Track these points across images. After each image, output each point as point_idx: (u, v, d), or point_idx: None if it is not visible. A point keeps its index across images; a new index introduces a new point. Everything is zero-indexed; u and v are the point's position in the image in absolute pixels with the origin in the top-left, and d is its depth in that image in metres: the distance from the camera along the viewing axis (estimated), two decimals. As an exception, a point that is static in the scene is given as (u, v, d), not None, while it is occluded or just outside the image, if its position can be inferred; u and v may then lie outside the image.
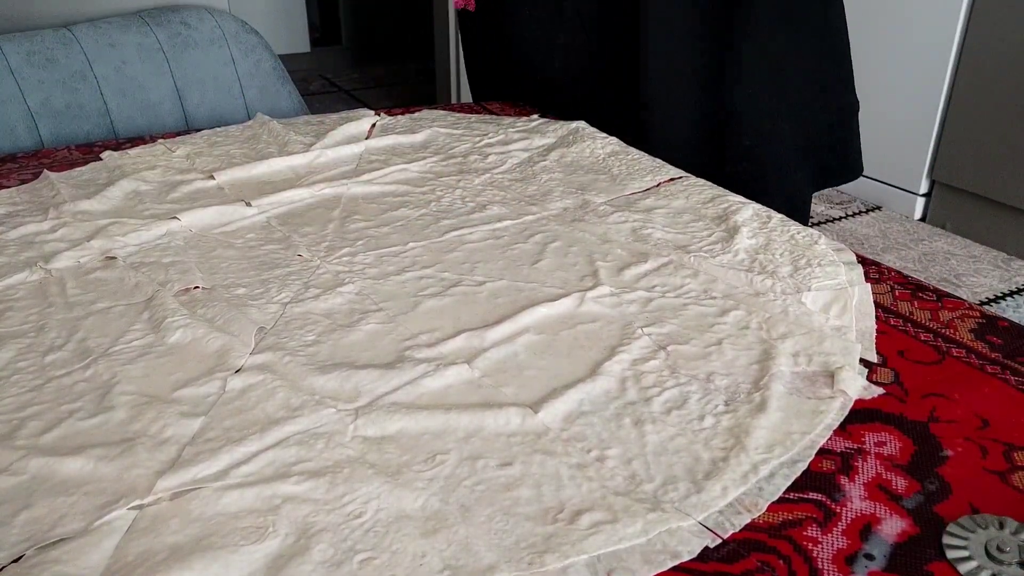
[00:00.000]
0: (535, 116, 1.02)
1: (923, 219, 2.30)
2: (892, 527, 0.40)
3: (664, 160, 0.85)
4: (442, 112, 1.04)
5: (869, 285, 0.61)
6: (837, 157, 0.96)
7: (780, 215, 0.72)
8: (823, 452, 0.45)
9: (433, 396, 0.49)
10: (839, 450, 0.46)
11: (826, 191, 2.52)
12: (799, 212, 0.93)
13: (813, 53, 0.91)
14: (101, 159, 0.88)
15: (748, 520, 0.40)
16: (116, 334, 0.56)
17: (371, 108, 1.05)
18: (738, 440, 0.45)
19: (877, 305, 0.60)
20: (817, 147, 0.94)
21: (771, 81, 0.89)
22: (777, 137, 0.91)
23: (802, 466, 0.44)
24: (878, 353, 0.54)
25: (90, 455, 0.44)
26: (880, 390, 0.50)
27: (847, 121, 0.96)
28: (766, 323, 0.56)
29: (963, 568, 0.38)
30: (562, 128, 0.95)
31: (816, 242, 0.67)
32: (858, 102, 0.95)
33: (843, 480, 0.43)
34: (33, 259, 0.66)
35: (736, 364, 0.52)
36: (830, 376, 0.51)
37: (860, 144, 0.96)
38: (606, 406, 0.49)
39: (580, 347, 0.54)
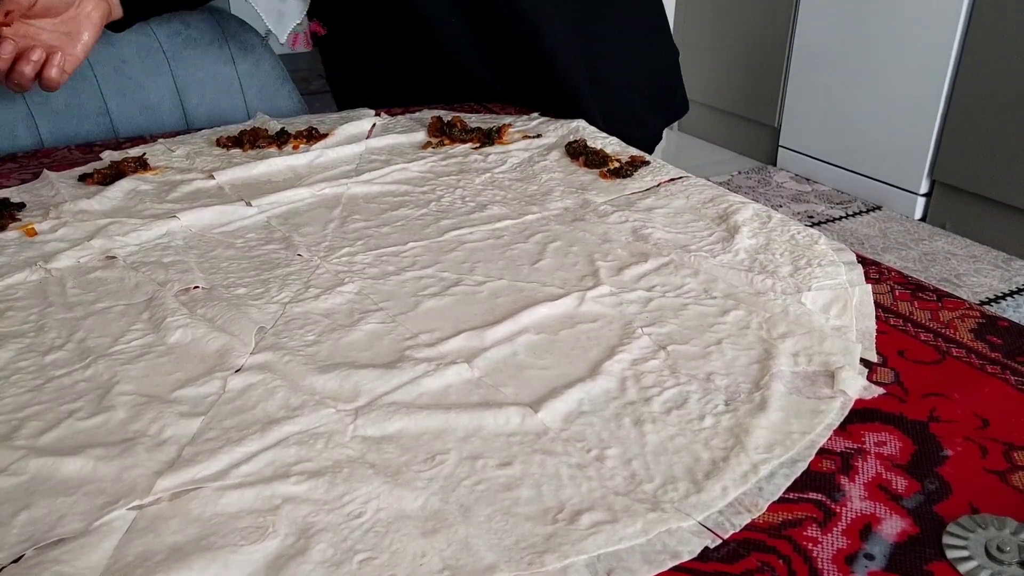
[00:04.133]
0: (535, 114, 1.02)
1: (923, 219, 2.30)
2: (892, 527, 0.40)
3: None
4: (443, 111, 1.04)
5: (869, 285, 0.61)
6: (672, 97, 1.22)
7: (780, 215, 0.72)
8: (823, 452, 0.45)
9: (433, 396, 0.49)
10: (839, 450, 0.46)
11: (826, 190, 2.52)
12: (653, 145, 1.21)
13: (641, 15, 1.16)
14: (101, 159, 0.88)
15: (748, 520, 0.40)
16: (116, 334, 0.56)
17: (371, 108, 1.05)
18: (738, 440, 0.45)
19: (877, 305, 0.60)
20: (657, 91, 1.19)
21: (626, 43, 1.14)
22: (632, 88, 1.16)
23: (802, 466, 0.44)
24: (878, 353, 0.54)
25: (90, 455, 0.44)
26: (880, 390, 0.50)
27: (674, 67, 1.22)
28: (766, 323, 0.56)
29: (963, 568, 0.38)
30: (562, 127, 0.96)
31: (816, 242, 0.67)
32: (677, 50, 1.22)
33: (843, 480, 0.43)
34: (33, 259, 0.66)
35: (736, 364, 0.52)
36: (830, 376, 0.51)
37: (684, 86, 1.24)
38: (606, 406, 0.49)
39: (580, 347, 0.54)
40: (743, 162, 2.83)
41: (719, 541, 0.39)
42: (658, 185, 0.80)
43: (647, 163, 0.85)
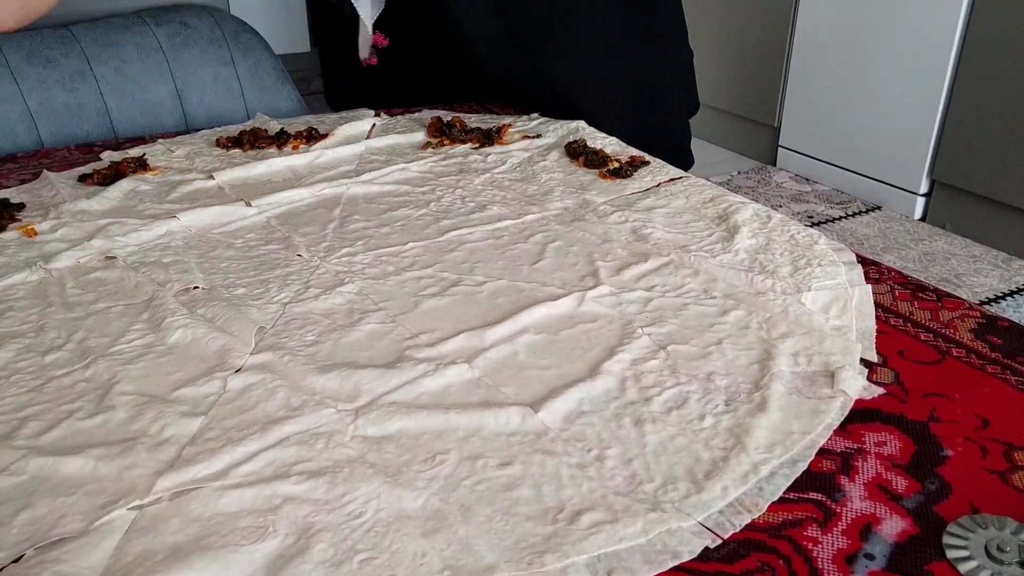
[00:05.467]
0: (535, 115, 1.02)
1: (923, 219, 2.30)
2: (892, 527, 0.40)
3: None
4: (443, 112, 1.04)
5: (869, 285, 0.61)
6: (690, 97, 1.26)
7: (780, 215, 0.72)
8: (823, 452, 0.45)
9: (433, 396, 0.49)
10: (839, 450, 0.46)
11: (826, 190, 2.52)
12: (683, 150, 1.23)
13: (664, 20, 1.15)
14: (101, 159, 0.88)
15: (748, 520, 0.40)
16: (116, 334, 0.56)
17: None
18: (738, 440, 0.45)
19: (877, 305, 0.60)
20: (679, 91, 1.20)
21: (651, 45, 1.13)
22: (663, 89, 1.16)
23: (802, 466, 0.44)
24: (878, 353, 0.54)
25: (90, 455, 0.44)
26: (880, 390, 0.50)
27: (690, 69, 1.25)
28: (766, 323, 0.56)
29: (963, 568, 0.38)
30: (562, 128, 0.95)
31: (816, 242, 0.67)
32: (692, 52, 1.25)
33: (843, 480, 0.43)
34: (33, 259, 0.66)
35: (736, 364, 0.52)
36: (830, 376, 0.51)
37: (696, 86, 1.28)
38: (606, 406, 0.48)
39: (580, 347, 0.54)
40: (743, 162, 2.83)
41: (719, 541, 0.39)
42: (658, 185, 0.80)
43: (647, 163, 0.85)
